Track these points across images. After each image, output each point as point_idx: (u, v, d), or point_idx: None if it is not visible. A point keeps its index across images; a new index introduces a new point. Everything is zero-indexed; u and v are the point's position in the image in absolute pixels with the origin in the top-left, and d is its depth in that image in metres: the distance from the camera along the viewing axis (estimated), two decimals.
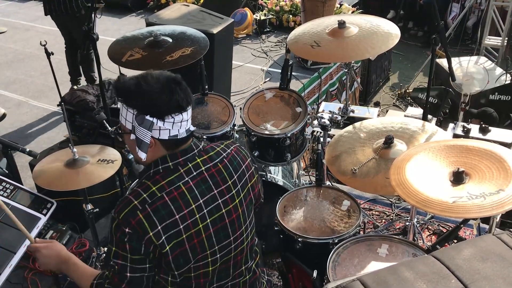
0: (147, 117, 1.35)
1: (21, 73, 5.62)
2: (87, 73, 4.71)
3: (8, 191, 2.36)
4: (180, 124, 1.39)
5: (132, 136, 1.40)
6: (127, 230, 1.34)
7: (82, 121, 3.57)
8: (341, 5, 6.22)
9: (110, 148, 2.39)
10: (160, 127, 1.37)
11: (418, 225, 2.74)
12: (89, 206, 2.37)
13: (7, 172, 2.77)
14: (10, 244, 2.21)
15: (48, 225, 2.96)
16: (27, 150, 2.56)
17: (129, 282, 1.39)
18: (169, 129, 1.38)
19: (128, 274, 1.38)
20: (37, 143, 4.21)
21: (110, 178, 2.23)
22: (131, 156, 2.17)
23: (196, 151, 1.45)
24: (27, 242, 2.26)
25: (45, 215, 2.37)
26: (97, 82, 3.61)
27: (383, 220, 3.10)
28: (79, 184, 2.16)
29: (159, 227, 1.34)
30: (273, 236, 2.27)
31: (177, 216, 1.37)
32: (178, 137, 1.40)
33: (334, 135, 2.46)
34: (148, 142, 1.38)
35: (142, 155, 1.39)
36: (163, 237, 1.35)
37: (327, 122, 2.54)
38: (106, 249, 2.54)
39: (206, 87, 2.86)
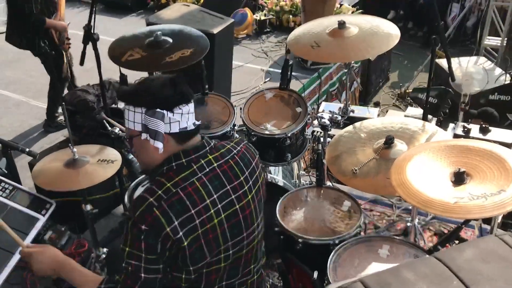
0: (157, 110, 1.39)
1: (21, 73, 5.61)
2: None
3: (7, 191, 2.36)
4: (187, 116, 1.42)
5: (144, 136, 1.41)
6: (143, 227, 1.33)
7: (82, 121, 3.57)
8: (341, 5, 6.22)
9: (110, 148, 2.38)
10: (170, 119, 1.39)
11: (419, 225, 2.74)
12: (89, 207, 2.35)
13: (6, 172, 2.77)
14: (9, 244, 2.21)
15: (47, 225, 2.95)
16: (27, 150, 2.55)
17: (143, 284, 1.38)
18: (179, 121, 1.41)
19: (142, 275, 1.37)
20: (36, 143, 4.21)
21: (110, 178, 2.22)
22: (131, 156, 2.16)
23: (208, 148, 1.48)
24: (26, 243, 2.26)
25: (44, 215, 2.37)
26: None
27: (384, 221, 3.09)
28: (78, 184, 2.15)
29: (176, 223, 1.35)
30: (273, 237, 2.27)
31: (192, 211, 1.38)
32: (188, 129, 1.43)
33: (334, 135, 2.45)
34: (162, 132, 1.40)
35: (160, 145, 1.41)
36: (181, 233, 1.35)
37: (327, 122, 2.53)
38: (106, 250, 2.53)
39: (206, 87, 2.85)
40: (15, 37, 3.96)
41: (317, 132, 2.83)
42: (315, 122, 2.67)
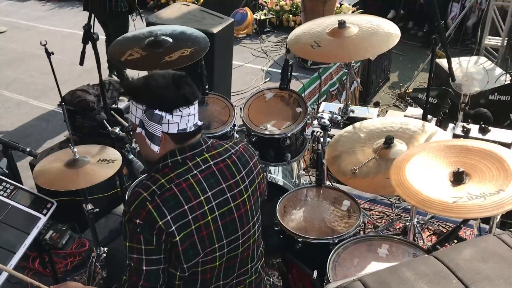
0: (156, 111, 1.40)
1: (21, 73, 5.61)
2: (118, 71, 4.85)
3: (8, 191, 2.36)
4: (188, 118, 1.42)
5: (139, 130, 1.44)
6: (138, 221, 1.35)
7: (83, 121, 3.58)
8: (341, 5, 6.22)
9: (110, 148, 2.38)
10: (168, 120, 1.40)
11: (418, 225, 2.74)
12: (89, 206, 2.36)
13: (7, 172, 2.77)
14: (10, 244, 2.21)
15: (48, 225, 2.96)
16: (27, 150, 2.56)
17: (146, 277, 1.39)
18: (178, 123, 1.41)
19: (144, 268, 1.38)
20: (37, 143, 4.21)
21: (110, 178, 2.23)
22: (131, 156, 2.17)
23: (204, 146, 1.48)
24: (27, 242, 2.26)
25: (45, 215, 2.37)
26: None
27: (383, 220, 3.10)
28: (79, 184, 2.16)
29: (169, 217, 1.36)
30: (273, 236, 2.27)
31: (186, 207, 1.38)
32: (187, 131, 1.43)
33: (334, 135, 2.46)
34: (159, 136, 1.42)
35: (155, 148, 1.43)
36: (173, 227, 1.36)
37: (327, 122, 2.53)
38: (106, 249, 2.54)
39: (206, 87, 2.86)
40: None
41: (317, 132, 2.83)
42: (315, 122, 2.67)
